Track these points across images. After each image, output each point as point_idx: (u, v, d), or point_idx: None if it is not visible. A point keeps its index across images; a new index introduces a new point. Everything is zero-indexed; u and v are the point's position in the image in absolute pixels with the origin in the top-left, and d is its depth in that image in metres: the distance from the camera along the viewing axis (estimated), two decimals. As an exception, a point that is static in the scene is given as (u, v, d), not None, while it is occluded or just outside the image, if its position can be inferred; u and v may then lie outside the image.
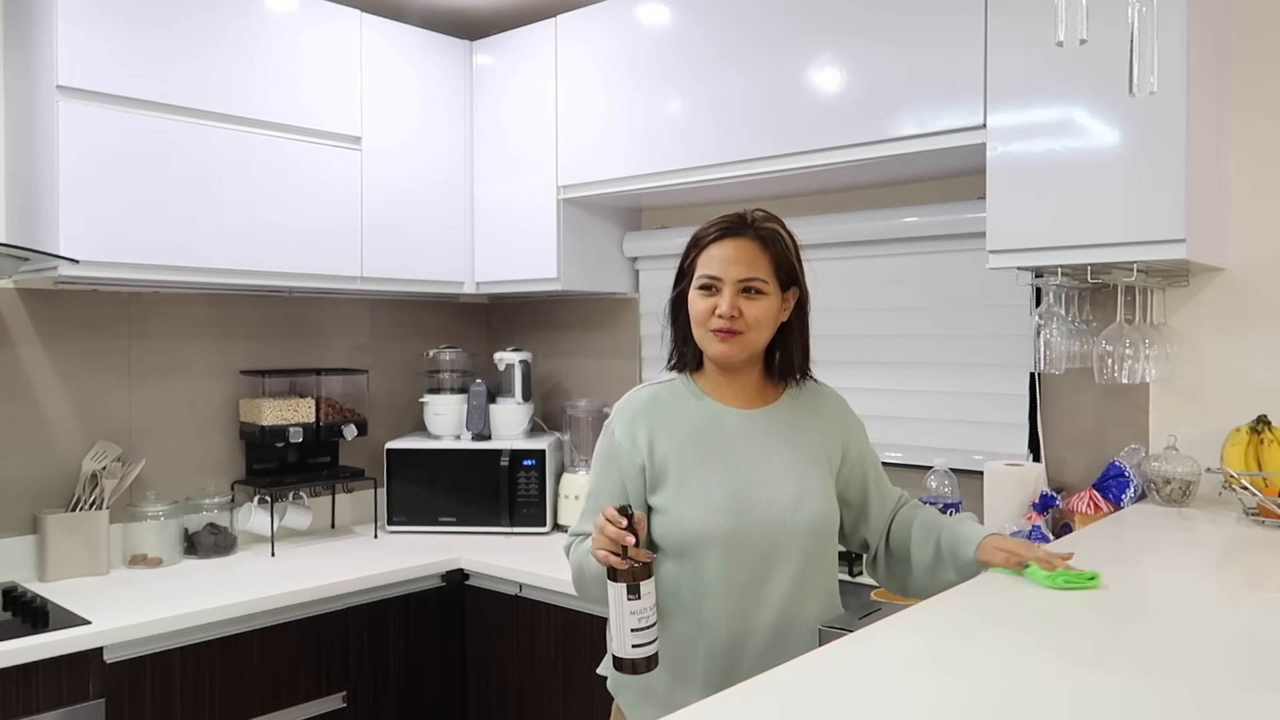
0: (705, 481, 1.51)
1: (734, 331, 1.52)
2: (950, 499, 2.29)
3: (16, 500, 2.48)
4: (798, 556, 1.52)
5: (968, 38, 2.08)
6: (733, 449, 1.54)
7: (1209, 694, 1.02)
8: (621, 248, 3.14)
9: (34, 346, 2.52)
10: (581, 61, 2.84)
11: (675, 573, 1.52)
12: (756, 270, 1.52)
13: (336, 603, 2.45)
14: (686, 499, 1.51)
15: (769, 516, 1.51)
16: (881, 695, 1.03)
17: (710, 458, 1.53)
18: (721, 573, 1.49)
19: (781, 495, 1.52)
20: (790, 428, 1.59)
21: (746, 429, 1.57)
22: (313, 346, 3.08)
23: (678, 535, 1.51)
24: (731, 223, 1.55)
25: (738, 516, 1.50)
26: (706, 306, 1.53)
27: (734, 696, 1.03)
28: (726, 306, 1.50)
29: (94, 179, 2.30)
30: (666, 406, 1.58)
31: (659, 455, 1.54)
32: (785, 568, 1.52)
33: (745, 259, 1.52)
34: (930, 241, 2.52)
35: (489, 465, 2.99)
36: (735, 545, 1.49)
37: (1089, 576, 1.41)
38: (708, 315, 1.53)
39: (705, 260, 1.54)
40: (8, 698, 1.92)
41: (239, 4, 2.55)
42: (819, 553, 1.57)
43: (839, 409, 1.68)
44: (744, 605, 1.50)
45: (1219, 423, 2.10)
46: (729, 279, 1.51)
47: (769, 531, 1.50)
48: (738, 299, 1.51)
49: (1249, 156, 2.11)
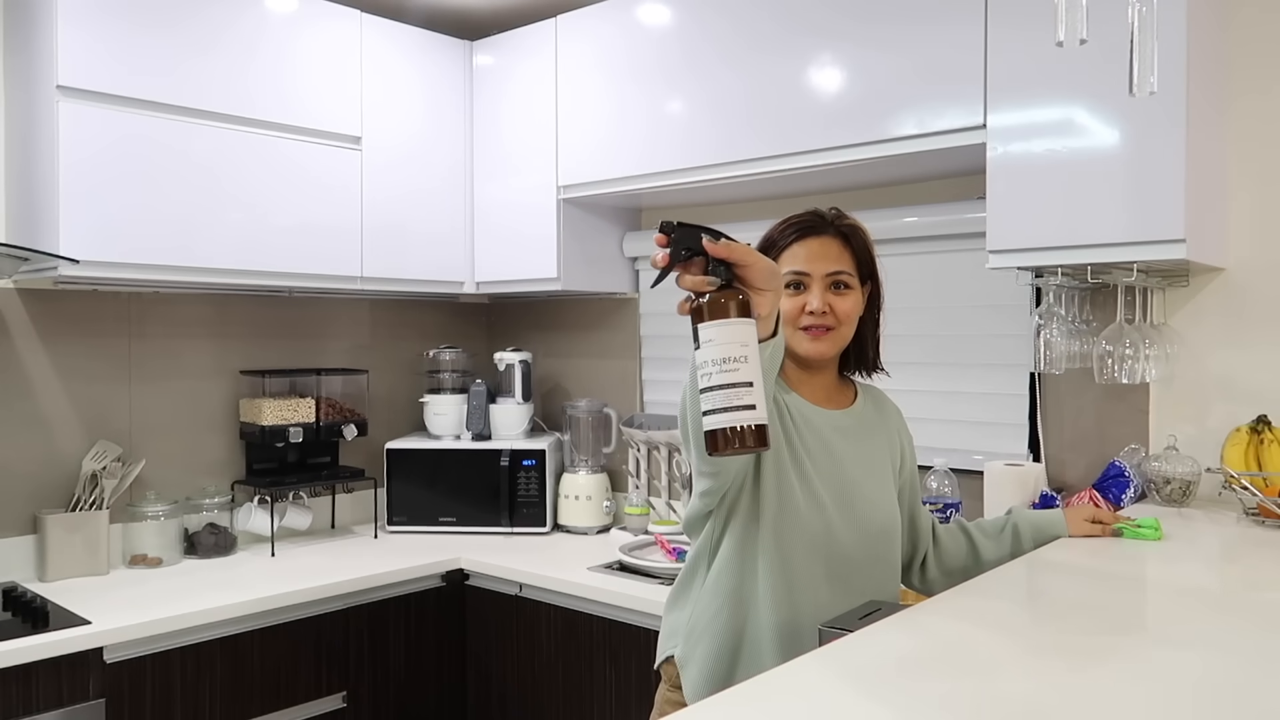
0: (805, 476, 1.49)
1: (826, 328, 1.52)
2: (950, 499, 2.29)
3: (16, 500, 2.48)
4: (875, 561, 1.54)
5: (968, 38, 2.08)
6: (826, 447, 1.53)
7: (1209, 694, 1.02)
8: (621, 248, 3.14)
9: (34, 346, 2.52)
10: (581, 61, 2.84)
11: (765, 565, 1.48)
12: (842, 264, 1.53)
13: (336, 603, 2.45)
14: (791, 491, 1.47)
15: (858, 517, 1.52)
16: (882, 695, 1.03)
17: (806, 452, 1.51)
18: (808, 569, 1.48)
19: (867, 497, 1.54)
20: (867, 431, 1.61)
21: (834, 427, 1.56)
22: (313, 346, 3.08)
23: (778, 524, 1.47)
24: (812, 220, 1.55)
25: (838, 515, 1.50)
26: (795, 305, 1.52)
27: (734, 696, 1.03)
28: (818, 303, 1.50)
29: (94, 179, 2.30)
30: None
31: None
32: (864, 571, 1.53)
33: (831, 254, 1.53)
34: (930, 241, 2.52)
35: (489, 465, 2.99)
36: (827, 545, 1.49)
37: (1155, 527, 1.72)
38: (797, 313, 1.52)
39: (789, 258, 1.53)
40: (8, 698, 1.92)
41: (239, 4, 2.55)
42: (890, 559, 1.59)
43: (899, 419, 1.71)
44: (831, 604, 1.49)
45: (1219, 423, 2.10)
46: (817, 274, 1.51)
47: (856, 533, 1.51)
48: (827, 294, 1.51)
49: (1249, 156, 2.11)
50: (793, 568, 1.48)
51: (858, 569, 1.52)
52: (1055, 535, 1.72)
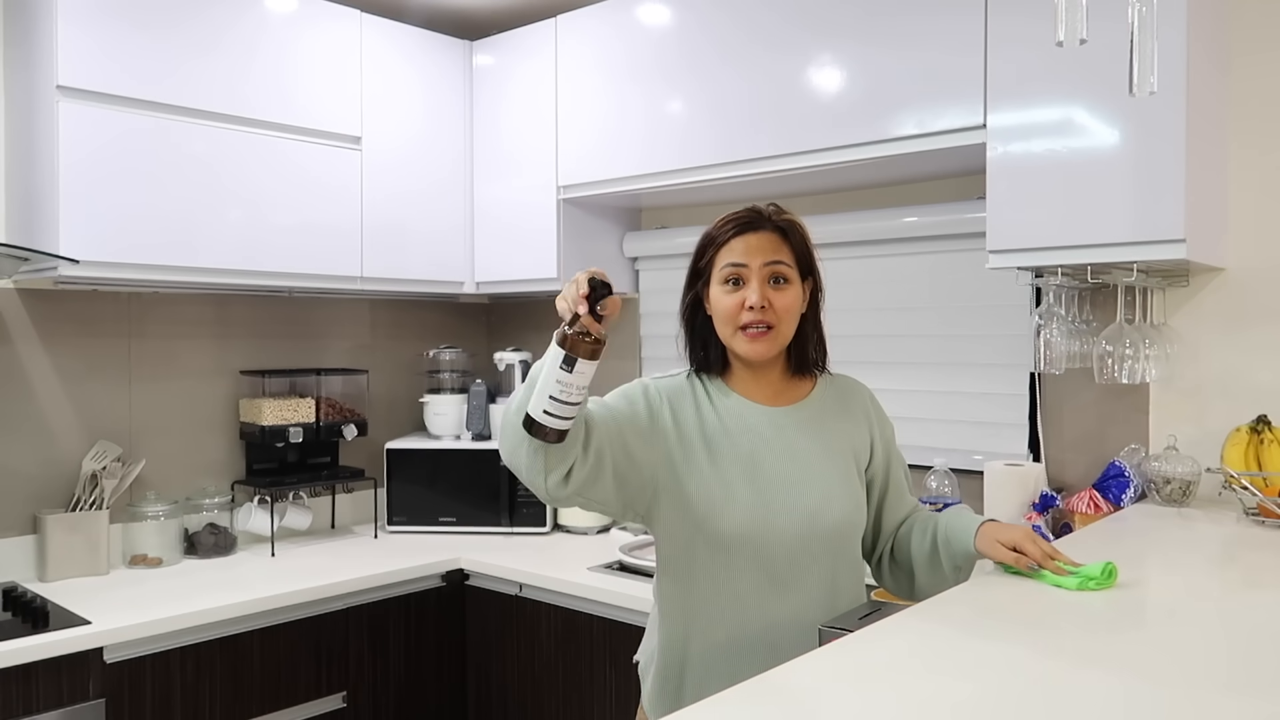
0: (726, 477, 1.48)
1: (765, 325, 1.49)
2: (950, 499, 2.29)
3: (16, 500, 2.48)
4: (826, 560, 1.50)
5: (968, 38, 2.08)
6: (759, 447, 1.51)
7: (1209, 694, 1.02)
8: (621, 248, 3.14)
9: (34, 346, 2.52)
10: (581, 61, 2.84)
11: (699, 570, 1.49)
12: (780, 255, 1.51)
13: (336, 603, 2.45)
14: (709, 493, 1.47)
15: (794, 519, 1.48)
16: (881, 695, 1.03)
17: (734, 455, 1.50)
18: (746, 575, 1.47)
19: (807, 498, 1.49)
20: (819, 425, 1.57)
21: (774, 427, 1.53)
22: (313, 346, 3.08)
23: (697, 527, 1.48)
24: (749, 217, 1.53)
25: (758, 516, 1.47)
26: (734, 301, 1.49)
27: (734, 696, 1.03)
28: (756, 296, 1.47)
29: (94, 179, 2.30)
30: (697, 398, 1.54)
31: (685, 432, 1.50)
32: (813, 571, 1.49)
33: (768, 248, 1.50)
34: (930, 241, 2.52)
35: (489, 465, 2.99)
36: (760, 548, 1.47)
37: (1107, 574, 1.39)
38: (737, 310, 1.49)
39: (726, 253, 1.51)
40: (8, 698, 1.92)
41: (239, 4, 2.55)
42: (845, 556, 1.54)
43: (870, 404, 1.66)
44: (769, 608, 1.47)
45: (1219, 423, 2.10)
46: (755, 265, 1.49)
47: (795, 536, 1.48)
48: (766, 288, 1.49)
49: (1249, 156, 2.11)
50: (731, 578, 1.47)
51: (806, 572, 1.49)
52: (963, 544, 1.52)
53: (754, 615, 1.48)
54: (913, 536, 1.62)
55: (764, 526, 1.47)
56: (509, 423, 1.39)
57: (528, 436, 1.35)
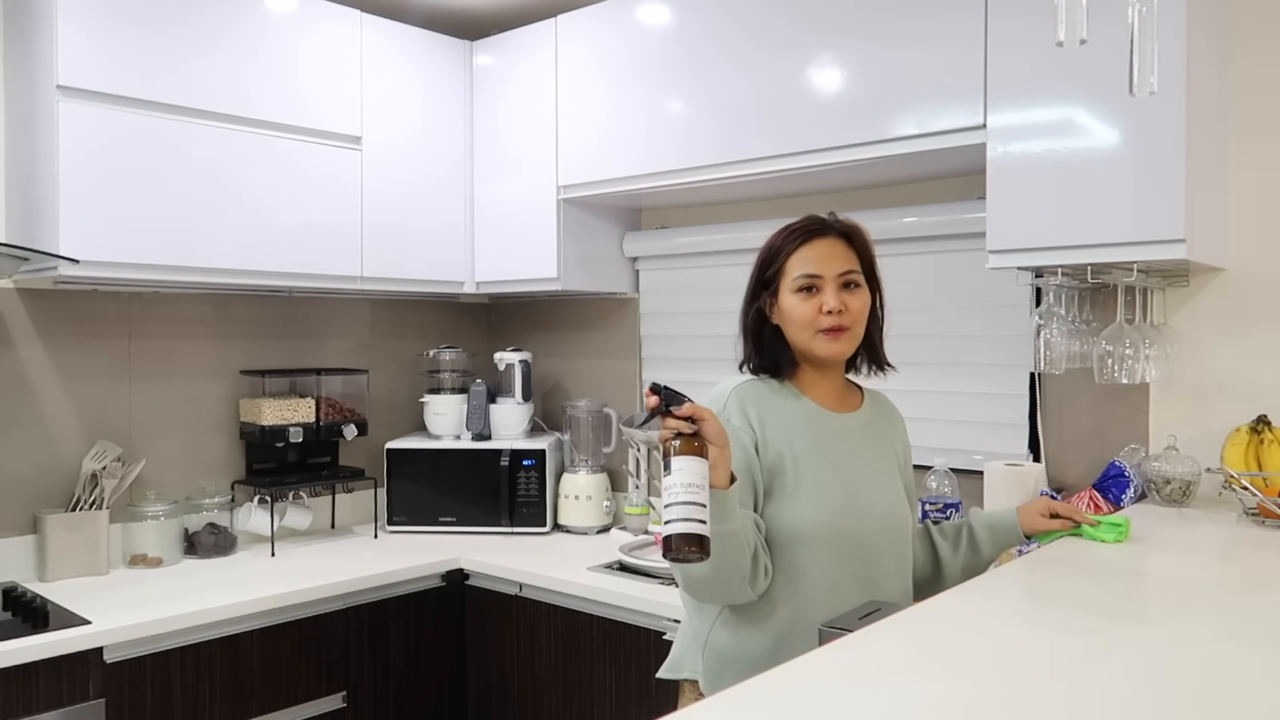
0: (818, 479, 1.52)
1: (842, 328, 1.53)
2: (950, 499, 2.29)
3: (16, 500, 2.48)
4: (897, 557, 1.59)
5: (968, 37, 2.08)
6: (838, 449, 1.57)
7: (1209, 694, 1.02)
8: (621, 248, 3.14)
9: (34, 346, 2.52)
10: (581, 61, 2.84)
11: (790, 561, 1.51)
12: (851, 264, 1.56)
13: (336, 603, 2.45)
14: (806, 495, 1.51)
15: (875, 518, 1.55)
16: (882, 695, 1.03)
17: (819, 457, 1.54)
18: (829, 571, 1.51)
19: (882, 498, 1.58)
20: (875, 433, 1.65)
21: (846, 430, 1.60)
22: (313, 346, 3.08)
23: (796, 528, 1.50)
24: (814, 224, 1.58)
25: (849, 517, 1.52)
26: (810, 307, 1.54)
27: (734, 696, 1.03)
28: (834, 301, 1.52)
29: (94, 179, 2.30)
30: (771, 401, 1.57)
31: (773, 445, 1.53)
32: (887, 568, 1.56)
33: (839, 255, 1.56)
34: (930, 241, 2.52)
35: (489, 465, 2.99)
36: (844, 543, 1.52)
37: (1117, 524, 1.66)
38: (814, 315, 1.53)
39: (798, 262, 1.55)
40: (8, 698, 1.92)
41: (239, 4, 2.55)
42: (905, 555, 1.63)
43: (902, 424, 1.74)
44: (849, 599, 1.49)
45: (1219, 423, 2.10)
46: (830, 274, 1.54)
47: (875, 534, 1.55)
48: (841, 294, 1.54)
49: (1249, 156, 2.11)
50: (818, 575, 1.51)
51: (879, 567, 1.56)
52: (1010, 532, 1.73)
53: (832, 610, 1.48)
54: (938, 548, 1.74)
55: (851, 525, 1.53)
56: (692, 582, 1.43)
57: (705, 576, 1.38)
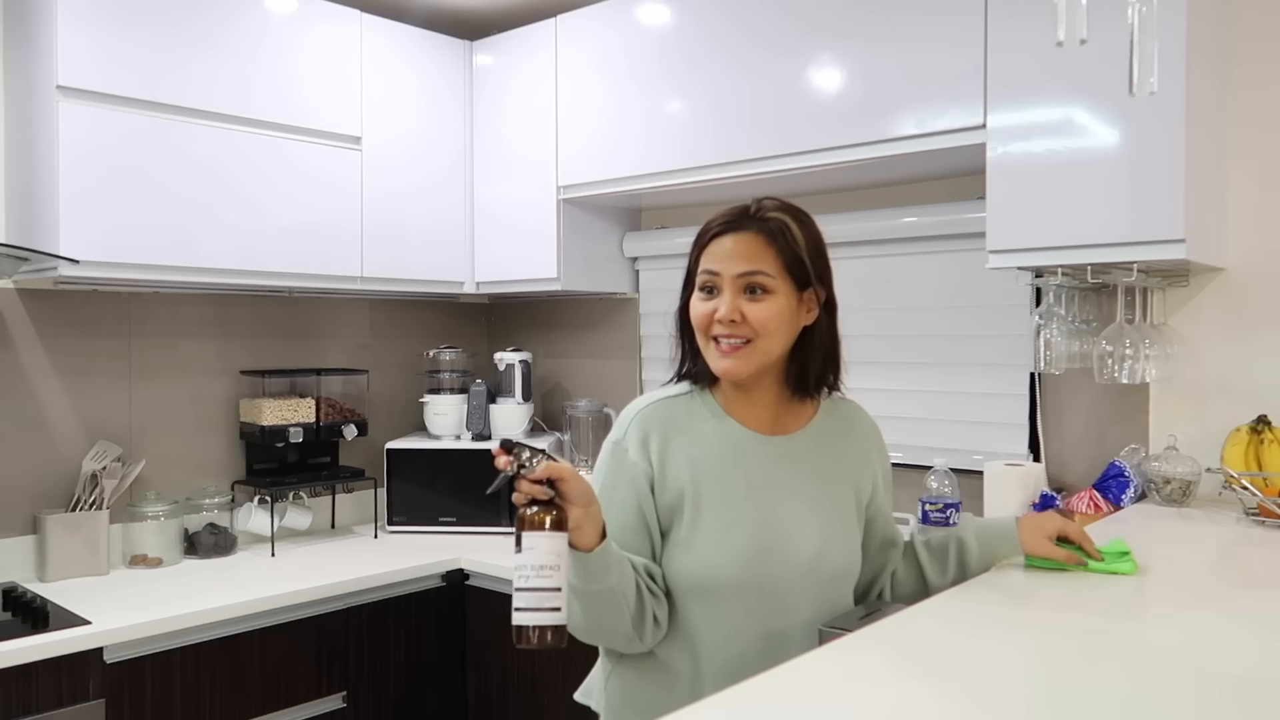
0: (723, 521, 1.35)
1: (740, 339, 1.33)
2: (950, 499, 2.28)
3: (16, 500, 2.48)
4: (816, 608, 1.38)
5: (968, 38, 2.08)
6: (754, 484, 1.37)
7: (1209, 694, 1.02)
8: (621, 248, 3.14)
9: (34, 346, 2.52)
10: (581, 61, 2.84)
11: (684, 613, 1.37)
12: (757, 264, 1.33)
13: (336, 603, 2.44)
14: (702, 541, 1.35)
15: (799, 564, 1.36)
16: (882, 695, 1.03)
17: (729, 493, 1.36)
18: (723, 627, 1.35)
19: (811, 539, 1.38)
20: (818, 459, 1.43)
21: (770, 460, 1.39)
22: (313, 346, 3.08)
23: (689, 579, 1.35)
24: (734, 215, 1.36)
25: (760, 565, 1.34)
26: (705, 311, 1.35)
27: (734, 696, 1.03)
28: (725, 309, 1.32)
29: (94, 179, 2.30)
30: (683, 425, 1.39)
31: (672, 482, 1.36)
32: (803, 615, 1.37)
33: (745, 253, 1.33)
34: (930, 241, 2.52)
35: (489, 465, 2.95)
36: (751, 595, 1.35)
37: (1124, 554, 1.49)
38: (708, 321, 1.35)
39: (706, 257, 1.37)
40: (8, 698, 1.92)
41: (239, 4, 2.55)
42: (838, 603, 1.43)
43: (874, 440, 1.52)
44: (753, 656, 1.34)
45: (1219, 423, 2.10)
46: (727, 274, 1.33)
47: (797, 581, 1.36)
48: (739, 299, 1.33)
49: (1249, 156, 2.11)
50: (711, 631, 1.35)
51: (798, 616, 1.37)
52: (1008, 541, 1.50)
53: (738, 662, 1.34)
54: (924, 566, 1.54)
55: (762, 575, 1.35)
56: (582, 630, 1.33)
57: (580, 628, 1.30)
